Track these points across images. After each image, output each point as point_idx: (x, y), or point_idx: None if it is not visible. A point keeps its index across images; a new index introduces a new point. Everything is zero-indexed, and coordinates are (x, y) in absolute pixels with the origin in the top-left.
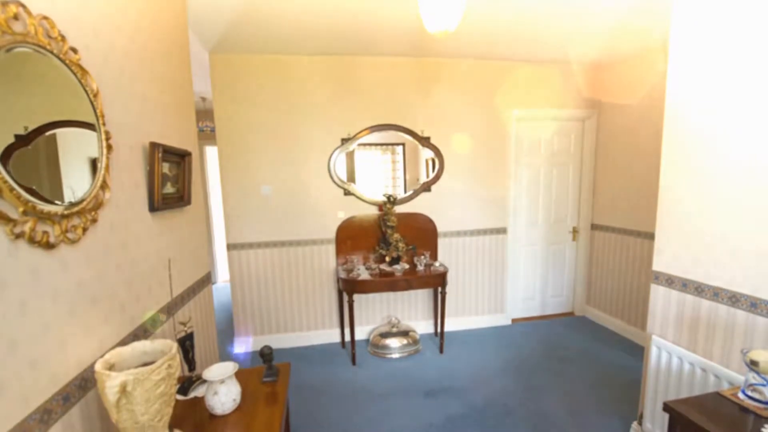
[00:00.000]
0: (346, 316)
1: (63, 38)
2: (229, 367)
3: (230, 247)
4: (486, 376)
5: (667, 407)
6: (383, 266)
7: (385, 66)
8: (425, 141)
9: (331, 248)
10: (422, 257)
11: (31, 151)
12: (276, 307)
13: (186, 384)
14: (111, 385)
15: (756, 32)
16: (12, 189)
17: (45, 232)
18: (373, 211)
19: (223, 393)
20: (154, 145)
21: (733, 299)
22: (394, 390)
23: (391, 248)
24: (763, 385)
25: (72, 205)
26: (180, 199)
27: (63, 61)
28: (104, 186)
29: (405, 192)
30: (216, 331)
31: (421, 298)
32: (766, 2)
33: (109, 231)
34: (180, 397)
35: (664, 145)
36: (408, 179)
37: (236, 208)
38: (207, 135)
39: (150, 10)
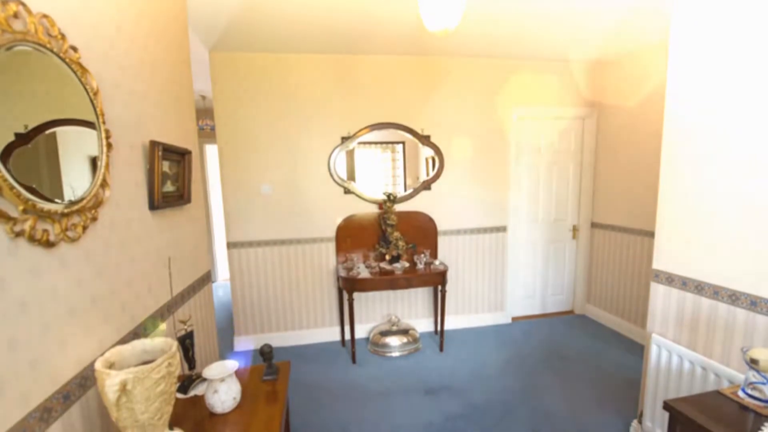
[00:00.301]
0: (346, 315)
1: (63, 37)
2: (229, 366)
3: (230, 245)
4: (486, 375)
5: (667, 406)
6: (383, 264)
7: (385, 64)
8: (425, 139)
9: (331, 246)
10: (422, 255)
11: (31, 150)
12: (276, 306)
13: (186, 382)
14: (111, 383)
15: (756, 32)
16: (12, 187)
17: (45, 231)
18: (373, 210)
19: (223, 391)
20: (154, 144)
21: (733, 297)
22: (394, 388)
23: (391, 246)
24: (764, 384)
25: (72, 203)
26: (180, 197)
27: (63, 60)
28: (104, 184)
29: (405, 190)
30: (216, 329)
31: (421, 296)
32: (766, 2)
33: (109, 229)
34: (180, 396)
35: (663, 144)
36: (408, 178)
37: (236, 207)
38: (207, 133)
39: (150, 10)
